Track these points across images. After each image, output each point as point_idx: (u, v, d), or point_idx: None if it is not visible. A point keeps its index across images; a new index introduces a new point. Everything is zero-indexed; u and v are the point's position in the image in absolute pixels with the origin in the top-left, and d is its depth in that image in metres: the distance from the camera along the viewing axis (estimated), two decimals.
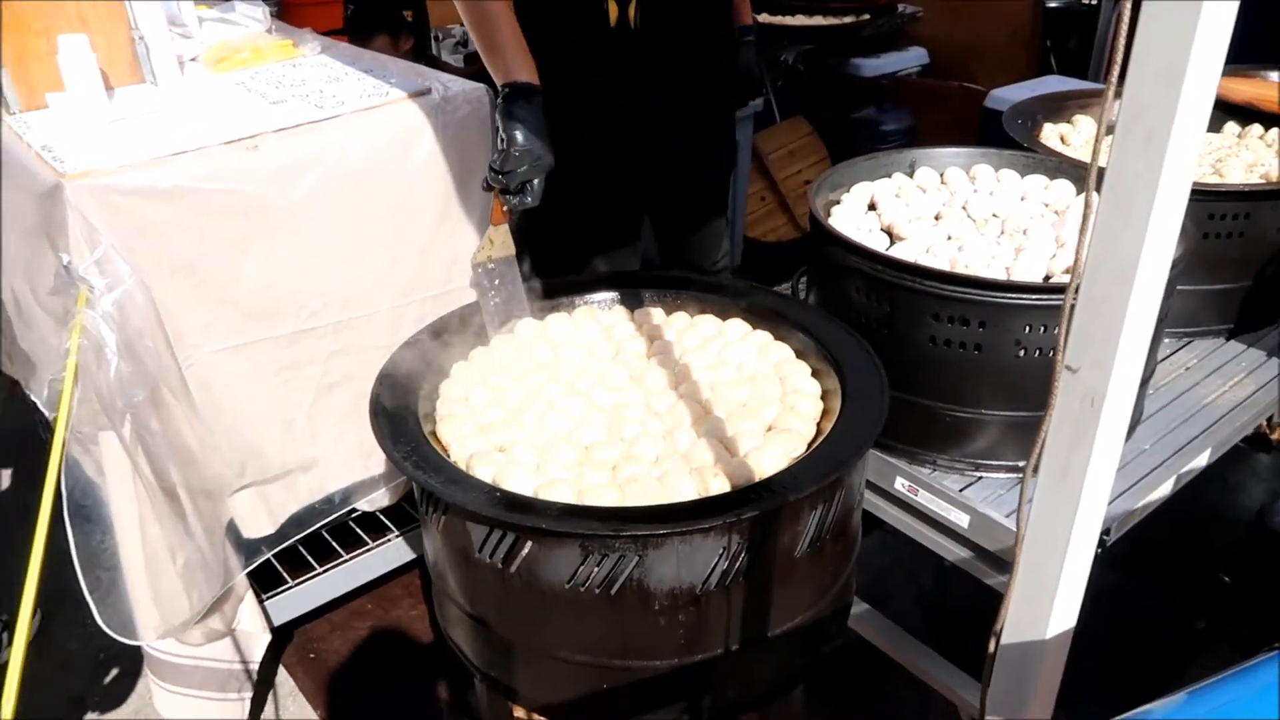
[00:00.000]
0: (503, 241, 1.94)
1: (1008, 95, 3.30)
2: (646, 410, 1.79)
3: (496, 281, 1.94)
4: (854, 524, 1.76)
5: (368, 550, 2.50)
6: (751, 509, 1.46)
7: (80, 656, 2.52)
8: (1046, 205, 2.17)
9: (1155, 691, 0.96)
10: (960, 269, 1.92)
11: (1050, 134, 2.60)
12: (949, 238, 2.07)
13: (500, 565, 1.55)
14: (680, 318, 2.07)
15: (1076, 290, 1.05)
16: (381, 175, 2.17)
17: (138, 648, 2.22)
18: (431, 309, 2.25)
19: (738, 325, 2.02)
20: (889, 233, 2.10)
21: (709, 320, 2.05)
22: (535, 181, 1.85)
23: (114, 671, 2.49)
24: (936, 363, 1.86)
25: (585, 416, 1.77)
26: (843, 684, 2.39)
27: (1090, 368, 1.04)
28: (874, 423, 1.63)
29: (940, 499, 1.92)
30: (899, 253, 1.98)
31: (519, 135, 1.83)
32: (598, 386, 1.85)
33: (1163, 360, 2.29)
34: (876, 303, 1.89)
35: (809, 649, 1.69)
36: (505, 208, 1.90)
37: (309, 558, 2.46)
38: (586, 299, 2.12)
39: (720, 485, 1.56)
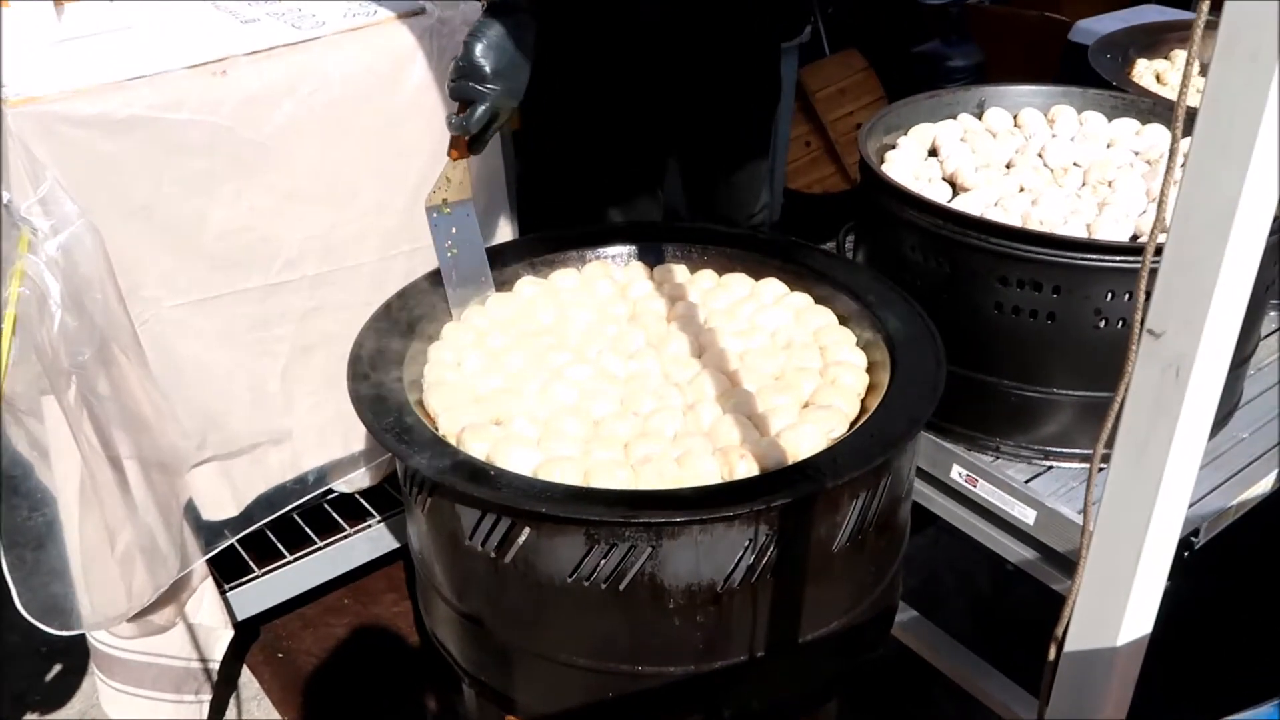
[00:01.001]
0: (460, 182, 1.91)
1: (1096, 26, 3.26)
2: (665, 381, 1.80)
3: (454, 230, 1.92)
4: (901, 517, 1.77)
5: (345, 537, 2.53)
6: (783, 496, 1.47)
7: (22, 650, 2.57)
8: (1137, 154, 2.16)
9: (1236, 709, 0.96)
10: (1034, 225, 1.92)
11: (1144, 71, 2.58)
12: (1021, 189, 2.07)
13: (494, 555, 1.57)
14: (706, 276, 2.08)
15: (1160, 242, 1.05)
16: (367, 107, 2.18)
17: (84, 641, 2.26)
18: (423, 262, 2.26)
19: (773, 286, 2.02)
20: (952, 183, 2.10)
21: (739, 280, 2.06)
22: (482, 107, 1.82)
23: (57, 667, 2.54)
24: (1003, 333, 1.86)
25: (595, 387, 1.78)
26: (883, 699, 2.40)
27: (1176, 332, 1.04)
28: (928, 401, 1.63)
29: (1003, 491, 1.93)
30: (963, 205, 1.98)
31: (476, 48, 1.80)
32: (610, 353, 1.86)
33: (1266, 337, 2.28)
34: (935, 263, 1.89)
35: (845, 658, 1.71)
36: (460, 138, 1.85)
37: (278, 544, 2.49)
38: (599, 253, 2.12)
39: (747, 468, 1.57)
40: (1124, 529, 1.16)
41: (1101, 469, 1.17)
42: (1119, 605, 1.19)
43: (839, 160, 4.26)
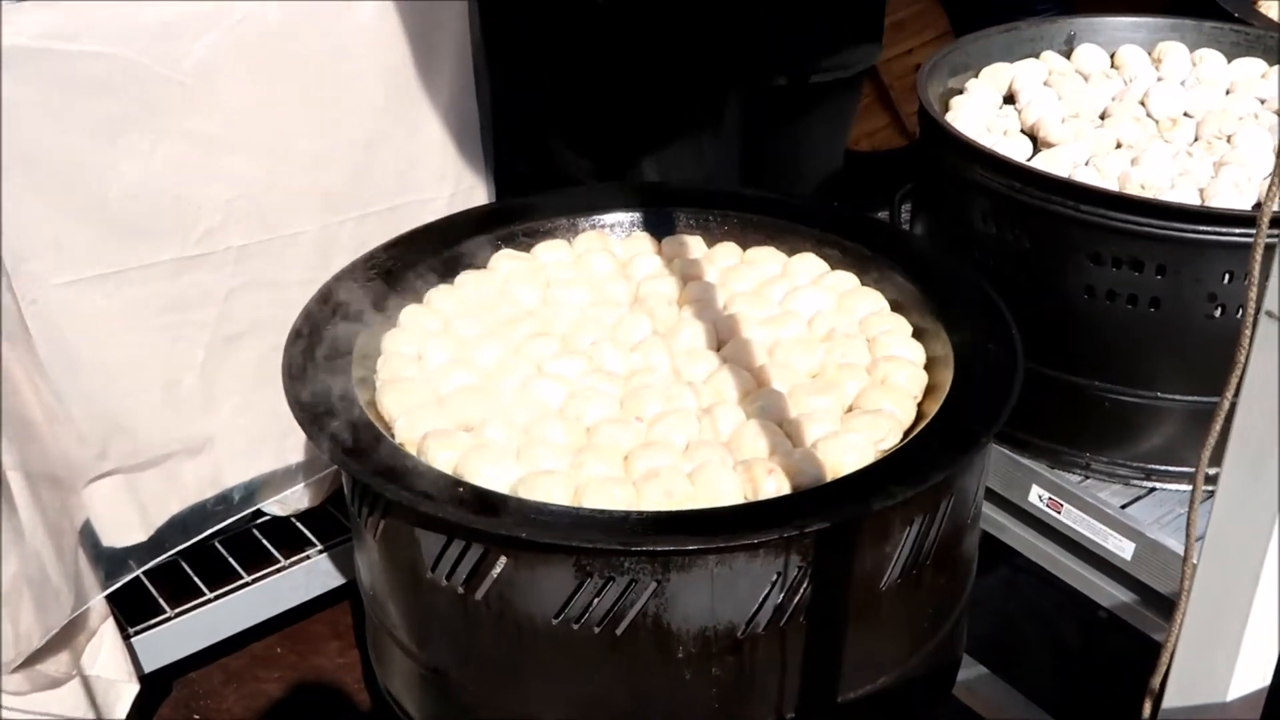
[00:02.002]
0: None
1: None
2: (675, 379, 1.82)
3: None
4: (966, 550, 1.79)
5: (279, 571, 2.54)
6: (819, 520, 1.48)
7: None
8: (1263, 102, 2.16)
9: None
10: (1134, 190, 1.93)
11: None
12: (1119, 145, 2.07)
13: (462, 592, 1.58)
14: (727, 250, 2.09)
15: None
16: (309, 40, 2.18)
17: None
18: (375, 230, 2.27)
19: (810, 263, 2.03)
20: (1033, 136, 2.11)
21: (769, 255, 2.07)
22: None
23: None
24: (1095, 323, 1.86)
25: (588, 386, 1.79)
26: None
27: None
28: (1000, 406, 1.64)
29: (1093, 518, 1.93)
30: (1046, 164, 1.98)
31: None
32: (607, 344, 1.88)
33: None
34: (1011, 235, 1.89)
35: None
36: None
37: (195, 579, 2.50)
38: (594, 220, 2.13)
39: (776, 486, 1.58)
40: (1234, 561, 1.17)
41: (1209, 491, 1.19)
42: (1229, 653, 1.20)
43: (894, 109, 4.27)
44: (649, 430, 1.72)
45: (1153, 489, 1.96)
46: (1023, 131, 2.13)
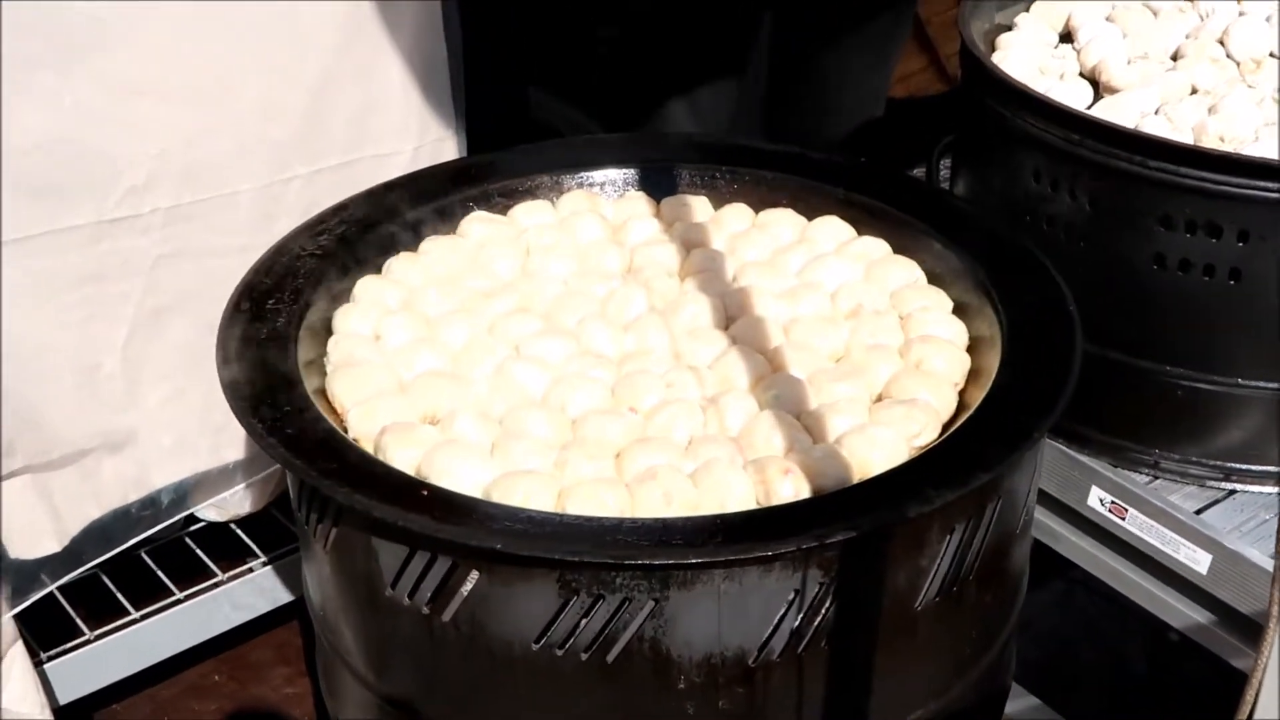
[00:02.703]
0: None
1: None
2: (676, 363, 1.81)
3: None
4: (1015, 562, 1.78)
5: (216, 586, 2.53)
6: (843, 528, 1.47)
7: None
8: None
9: None
10: (1212, 142, 1.92)
11: None
12: (1194, 91, 2.07)
13: (427, 612, 1.58)
14: (737, 213, 2.08)
15: None
16: None
17: None
18: (327, 189, 2.27)
19: (833, 227, 2.02)
20: (1094, 81, 2.10)
21: (785, 218, 2.06)
22: None
23: None
24: (1165, 298, 1.87)
25: (574, 371, 1.79)
26: None
27: None
28: (1055, 395, 1.64)
29: (1163, 525, 1.94)
30: (1109, 113, 1.98)
31: None
32: (596, 322, 1.87)
33: None
34: (1068, 196, 1.90)
35: None
36: None
37: (119, 596, 2.50)
38: (582, 178, 2.13)
39: (793, 488, 1.58)
40: None
41: None
42: None
43: (932, 49, 4.27)
44: (645, 423, 1.71)
45: (1232, 491, 1.96)
46: (1082, 75, 2.12)
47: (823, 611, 1.53)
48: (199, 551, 2.59)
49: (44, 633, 2.44)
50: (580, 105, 2.51)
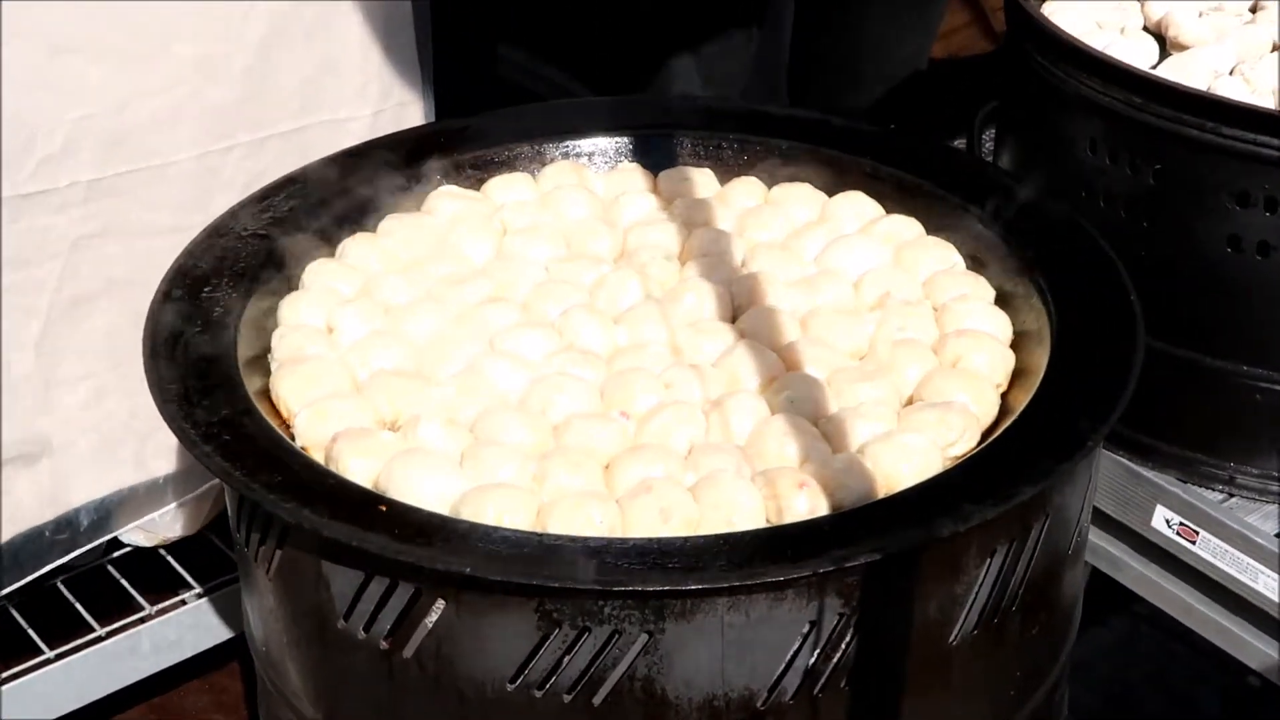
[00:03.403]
0: None
1: None
2: (675, 360, 1.81)
3: None
4: (1066, 591, 1.78)
5: (144, 622, 2.53)
6: (867, 550, 1.47)
7: None
8: None
9: None
10: None
11: None
12: (1275, 48, 2.07)
13: (386, 646, 1.58)
14: (747, 188, 2.08)
15: None
16: None
17: None
18: (273, 160, 2.28)
19: (857, 204, 2.02)
20: (1159, 35, 2.11)
21: (802, 194, 2.06)
22: None
23: None
24: (1242, 286, 1.86)
25: (556, 369, 1.79)
26: None
27: None
28: (1112, 398, 1.63)
29: (1239, 550, 1.93)
30: (1177, 73, 1.98)
31: None
32: (583, 313, 1.87)
33: None
34: (1130, 169, 1.90)
35: None
36: None
37: (30, 633, 2.49)
38: (567, 147, 2.13)
39: (809, 504, 1.58)
40: None
41: None
42: None
43: (975, 3, 4.28)
44: (639, 429, 1.71)
45: None
46: (1146, 29, 2.12)
47: (842, 647, 1.52)
48: (123, 581, 2.58)
49: None
50: (566, 65, 2.51)
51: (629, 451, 1.67)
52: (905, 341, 1.81)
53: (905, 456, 1.61)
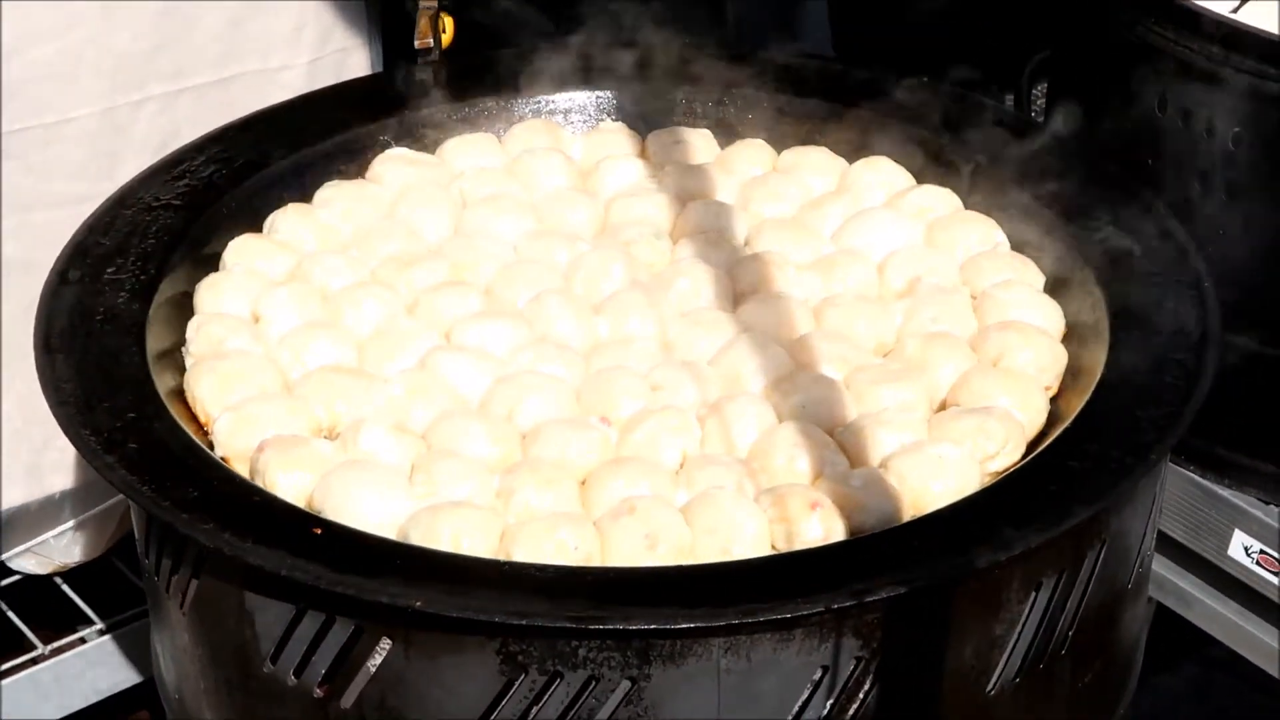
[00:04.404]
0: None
1: None
2: (665, 356, 1.82)
3: None
4: (1125, 632, 1.78)
5: (37, 663, 2.52)
6: (889, 582, 1.46)
7: None
8: None
9: None
10: None
11: None
12: None
13: (320, 694, 1.57)
14: (751, 152, 2.09)
15: None
16: None
17: None
18: (190, 117, 2.29)
19: (883, 171, 2.03)
20: None
21: (817, 160, 2.07)
22: None
23: None
24: None
25: (524, 366, 1.79)
26: None
27: None
28: (1179, 403, 1.64)
29: None
30: (1263, 17, 1.97)
31: None
32: (556, 301, 1.88)
33: None
34: (1205, 132, 1.90)
35: None
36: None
37: None
38: (539, 103, 2.15)
39: (823, 528, 1.58)
40: None
41: None
42: None
43: None
44: (622, 439, 1.72)
45: None
46: None
47: (861, 697, 1.52)
48: (12, 616, 2.58)
49: None
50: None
51: (609, 465, 1.67)
52: (938, 335, 1.81)
53: (936, 472, 1.62)
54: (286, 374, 1.80)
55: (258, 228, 1.99)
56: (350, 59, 2.46)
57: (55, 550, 2.49)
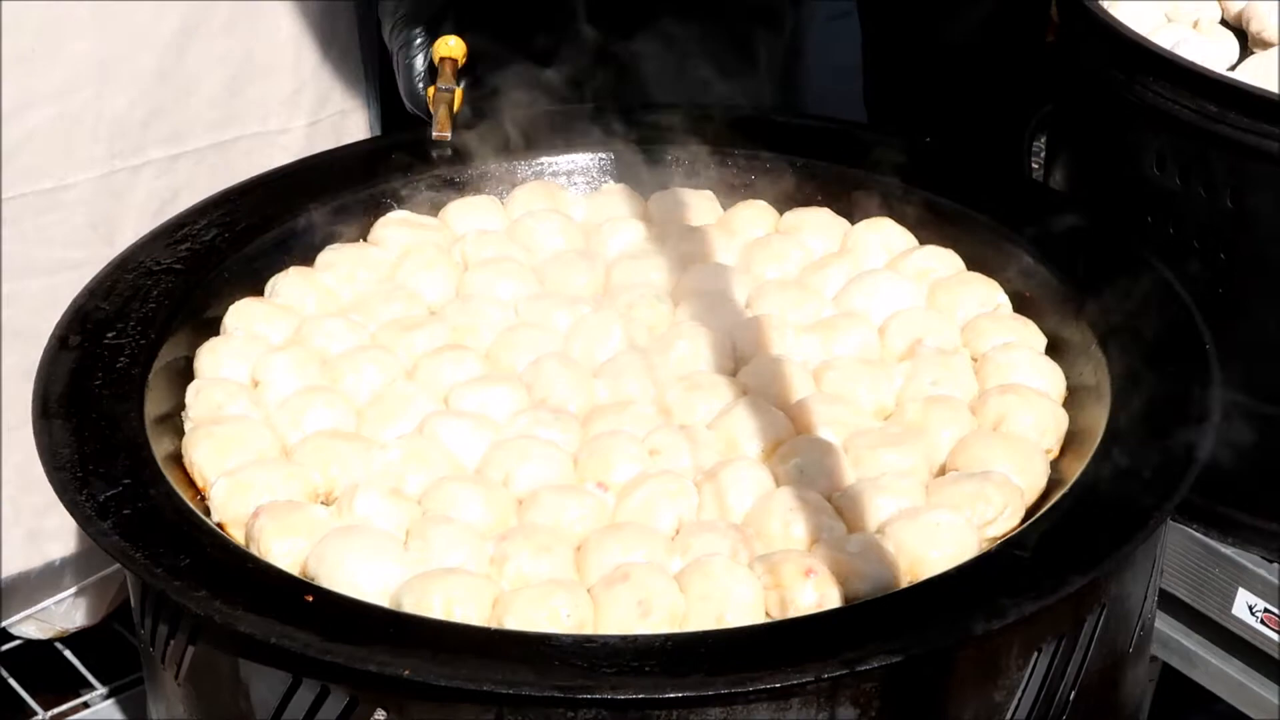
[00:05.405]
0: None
1: None
2: (663, 421, 1.82)
3: None
4: (1127, 695, 1.77)
5: None
6: (885, 652, 1.46)
7: None
8: None
9: None
10: None
11: None
12: None
13: None
14: (753, 213, 2.10)
15: None
16: None
17: None
18: (190, 181, 2.30)
19: (885, 233, 2.04)
20: (1240, 31, 2.12)
21: (819, 221, 2.07)
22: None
23: None
24: None
25: (521, 431, 1.80)
26: None
27: None
28: (1180, 467, 1.63)
29: None
30: (1260, 76, 1.98)
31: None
32: (555, 365, 1.88)
33: None
34: (1204, 190, 1.90)
35: None
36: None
37: None
38: (540, 165, 2.16)
39: (817, 595, 1.58)
40: None
41: None
42: None
43: None
44: (618, 504, 1.72)
45: None
46: (1224, 23, 2.13)
47: None
48: (12, 682, 2.58)
49: None
50: (541, 61, 2.52)
51: (605, 531, 1.67)
52: (938, 399, 1.81)
53: (933, 538, 1.62)
54: (284, 439, 1.80)
55: (260, 291, 1.99)
56: (349, 120, 2.47)
57: (55, 616, 2.49)
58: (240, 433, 1.79)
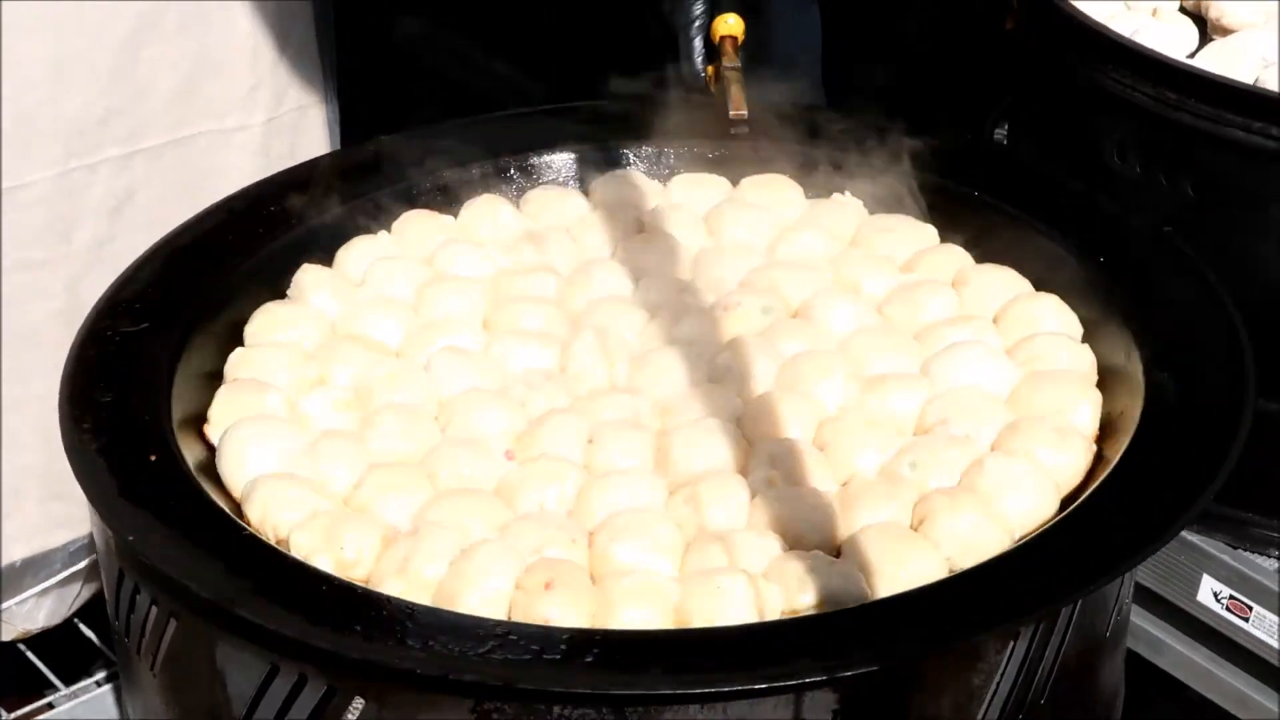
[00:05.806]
0: None
1: None
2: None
3: None
4: (1104, 682, 1.78)
5: None
6: (864, 659, 1.47)
7: None
8: None
9: None
10: None
11: None
12: None
13: None
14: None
15: None
16: None
17: None
18: (146, 178, 2.30)
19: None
20: (1198, 18, 2.13)
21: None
22: None
23: None
24: None
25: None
26: None
27: None
28: (1151, 532, 1.62)
29: None
30: (1219, 63, 1.99)
31: None
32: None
33: None
34: (1164, 178, 1.91)
35: None
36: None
37: None
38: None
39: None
40: None
41: None
42: None
43: None
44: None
45: None
46: (1183, 10, 2.14)
47: None
48: None
49: None
50: (514, 58, 2.52)
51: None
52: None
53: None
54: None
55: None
56: (307, 117, 2.46)
57: (18, 617, 2.47)
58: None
